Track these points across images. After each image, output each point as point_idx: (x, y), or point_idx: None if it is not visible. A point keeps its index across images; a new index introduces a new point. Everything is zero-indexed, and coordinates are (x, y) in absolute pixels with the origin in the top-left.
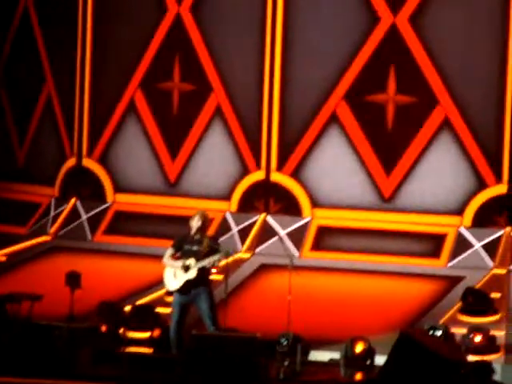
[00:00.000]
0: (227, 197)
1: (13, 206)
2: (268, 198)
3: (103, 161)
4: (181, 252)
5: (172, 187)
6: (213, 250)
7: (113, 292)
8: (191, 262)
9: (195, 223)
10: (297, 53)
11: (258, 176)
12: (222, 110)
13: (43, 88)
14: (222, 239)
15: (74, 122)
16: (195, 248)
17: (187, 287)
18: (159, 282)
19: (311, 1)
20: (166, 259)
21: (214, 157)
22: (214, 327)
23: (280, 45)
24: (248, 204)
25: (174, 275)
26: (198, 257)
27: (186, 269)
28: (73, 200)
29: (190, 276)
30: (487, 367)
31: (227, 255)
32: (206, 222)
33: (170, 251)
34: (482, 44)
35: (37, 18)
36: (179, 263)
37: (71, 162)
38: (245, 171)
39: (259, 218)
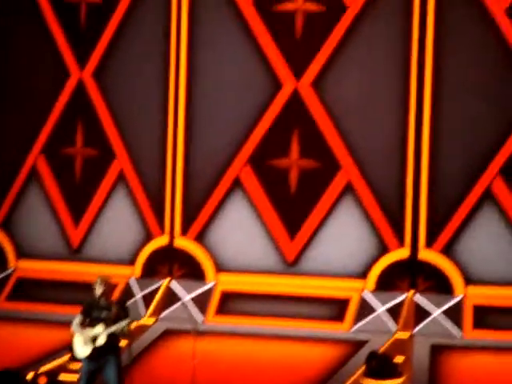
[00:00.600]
0: (131, 262)
1: None
2: (172, 262)
3: (5, 227)
4: (89, 319)
5: (75, 253)
6: (121, 315)
7: (15, 359)
8: (99, 329)
9: (97, 290)
10: (200, 116)
11: (161, 241)
12: (125, 174)
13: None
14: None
15: None
16: (104, 315)
17: (96, 354)
18: (62, 349)
19: (214, 65)
20: (75, 326)
21: (117, 222)
22: None
23: (183, 109)
24: (152, 269)
25: (83, 343)
26: (107, 323)
27: (95, 338)
28: None
29: (99, 343)
30: None
31: (132, 322)
32: (107, 286)
33: (78, 318)
34: (384, 105)
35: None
36: (87, 332)
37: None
38: (148, 236)
39: (163, 283)
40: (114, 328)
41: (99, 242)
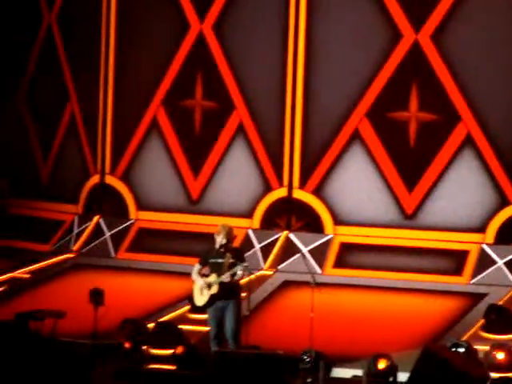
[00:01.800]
0: (249, 214)
1: (36, 224)
2: (290, 215)
3: (126, 178)
4: (207, 266)
5: (194, 205)
6: (237, 261)
7: (136, 309)
8: (213, 277)
9: (220, 238)
10: (319, 70)
11: (280, 193)
12: (244, 127)
13: (67, 106)
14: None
15: (97, 140)
16: (220, 261)
17: (213, 302)
18: (182, 299)
19: (334, 19)
20: (194, 275)
21: (236, 174)
22: (235, 345)
23: (302, 63)
24: (270, 221)
25: (201, 291)
26: (223, 269)
27: (209, 285)
28: (96, 217)
29: (213, 291)
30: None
31: (247, 268)
32: (230, 236)
33: (196, 267)
34: (505, 60)
35: (60, 37)
36: (204, 280)
37: (94, 180)
38: (267, 188)
39: (281, 235)
40: (227, 275)
41: (218, 193)
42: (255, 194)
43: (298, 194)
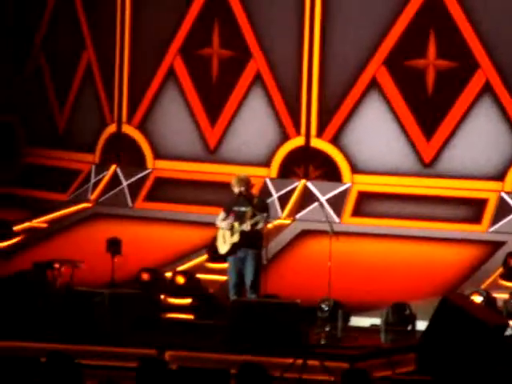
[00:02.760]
0: (267, 163)
1: (53, 173)
2: (308, 164)
3: (143, 127)
4: (232, 215)
5: (212, 154)
6: (260, 210)
7: (153, 258)
8: (235, 225)
9: (235, 188)
10: (336, 18)
11: (297, 142)
12: (261, 76)
13: (83, 55)
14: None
15: (113, 89)
16: (243, 209)
17: (234, 251)
18: (199, 249)
19: None
20: (218, 222)
21: (253, 123)
22: (254, 294)
23: (320, 10)
24: (288, 170)
25: (223, 239)
26: (244, 218)
27: (232, 233)
28: (113, 167)
29: (234, 240)
30: None
31: (268, 218)
32: (248, 184)
33: (221, 215)
34: None
35: None
36: (226, 227)
37: (111, 129)
38: (284, 137)
39: (299, 184)
40: (247, 224)
41: (235, 142)
42: (273, 142)
43: (316, 142)
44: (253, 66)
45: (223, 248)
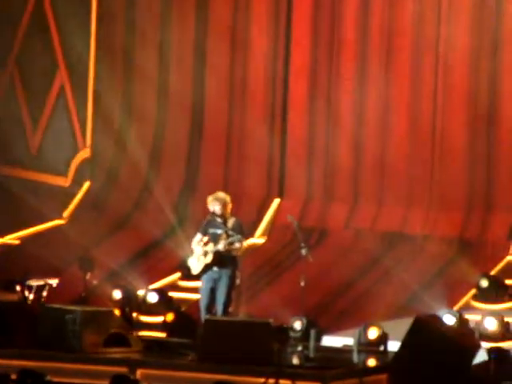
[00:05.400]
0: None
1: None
2: None
3: None
4: (207, 236)
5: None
6: (235, 231)
7: None
8: (210, 247)
9: (211, 207)
10: None
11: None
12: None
13: (56, 75)
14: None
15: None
16: (219, 231)
17: (206, 271)
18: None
19: None
20: (194, 244)
21: (55, 134)
22: (223, 314)
23: None
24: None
25: (198, 259)
26: (219, 240)
27: (205, 254)
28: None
29: (207, 260)
30: (505, 353)
31: (242, 240)
32: (223, 204)
33: (197, 237)
34: None
35: (50, 5)
36: (201, 249)
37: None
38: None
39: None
40: (222, 244)
41: (43, 150)
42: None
43: None
44: (59, 78)
45: (196, 268)
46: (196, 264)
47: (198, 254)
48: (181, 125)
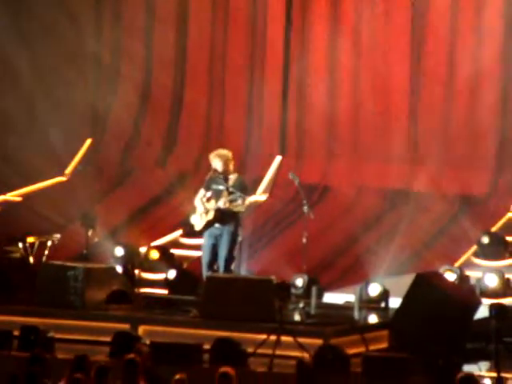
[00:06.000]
0: None
1: None
2: None
3: None
4: (211, 192)
5: None
6: (238, 188)
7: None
8: (211, 204)
9: (213, 164)
10: None
11: None
12: None
13: None
14: None
15: None
16: (220, 187)
17: (208, 227)
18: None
19: None
20: (197, 201)
21: None
22: (225, 272)
23: None
24: None
25: (200, 216)
26: (221, 196)
27: (207, 212)
28: None
29: (209, 217)
30: (505, 309)
31: (244, 197)
32: (225, 161)
33: (200, 193)
34: None
35: None
36: (203, 205)
37: None
38: None
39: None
40: (223, 201)
41: None
42: None
43: None
44: None
45: (199, 225)
46: (199, 221)
47: (201, 211)
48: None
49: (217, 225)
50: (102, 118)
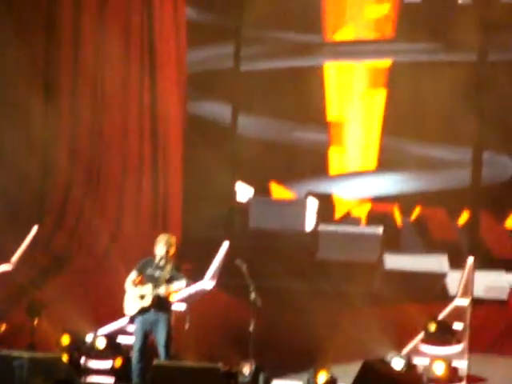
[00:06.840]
0: None
1: None
2: None
3: None
4: (144, 276)
5: None
6: (174, 277)
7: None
8: (148, 289)
9: (159, 249)
10: None
11: None
12: None
13: None
14: None
15: None
16: (157, 274)
17: (143, 313)
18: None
19: None
20: (128, 284)
21: None
22: (166, 358)
23: None
24: None
25: (132, 300)
26: (158, 283)
27: (142, 297)
28: None
29: (145, 304)
30: None
31: (185, 284)
32: (170, 248)
33: (132, 275)
34: None
35: None
36: (137, 290)
37: None
38: None
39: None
40: (164, 288)
41: None
42: None
43: None
44: None
45: (130, 310)
46: (131, 304)
47: (134, 295)
48: None
49: (152, 311)
50: None
